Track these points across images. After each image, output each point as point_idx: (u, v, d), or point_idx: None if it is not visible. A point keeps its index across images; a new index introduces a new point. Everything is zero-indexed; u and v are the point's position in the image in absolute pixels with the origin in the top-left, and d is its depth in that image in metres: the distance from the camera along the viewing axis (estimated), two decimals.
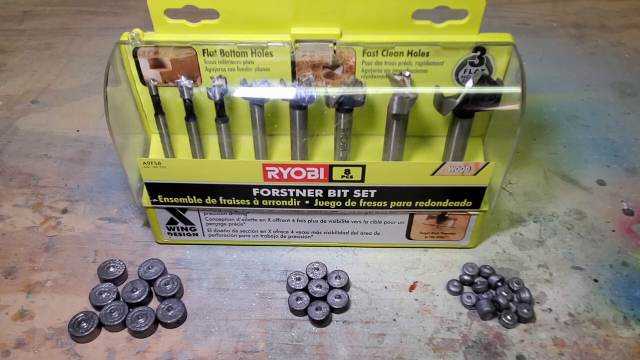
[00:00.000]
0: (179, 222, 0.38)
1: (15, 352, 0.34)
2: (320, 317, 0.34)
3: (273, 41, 0.33)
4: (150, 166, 0.34)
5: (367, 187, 0.35)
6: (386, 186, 0.35)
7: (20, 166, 0.47)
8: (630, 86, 0.55)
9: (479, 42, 0.32)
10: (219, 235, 0.39)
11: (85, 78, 0.57)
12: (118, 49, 0.33)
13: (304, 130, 0.35)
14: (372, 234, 0.38)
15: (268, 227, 0.38)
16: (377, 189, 0.35)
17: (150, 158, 0.36)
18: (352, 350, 0.34)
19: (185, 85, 0.33)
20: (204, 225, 0.38)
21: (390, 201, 0.35)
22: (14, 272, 0.38)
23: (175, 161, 0.34)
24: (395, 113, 0.32)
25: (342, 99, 0.32)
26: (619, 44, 0.62)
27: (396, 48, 0.33)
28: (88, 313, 0.35)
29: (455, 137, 0.34)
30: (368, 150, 0.38)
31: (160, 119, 0.35)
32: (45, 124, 0.51)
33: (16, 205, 0.43)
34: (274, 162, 0.33)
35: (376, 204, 0.36)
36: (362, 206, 0.36)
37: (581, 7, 0.68)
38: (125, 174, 0.34)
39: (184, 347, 0.34)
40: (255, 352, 0.34)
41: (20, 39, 0.63)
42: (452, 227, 0.37)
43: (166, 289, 0.36)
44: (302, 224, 0.38)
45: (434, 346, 0.34)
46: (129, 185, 0.36)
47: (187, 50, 0.33)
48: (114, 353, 0.34)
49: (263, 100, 0.33)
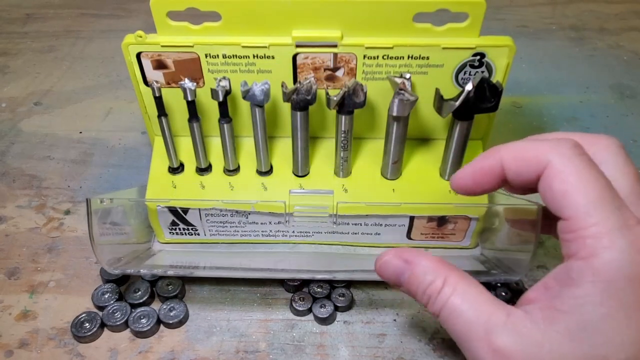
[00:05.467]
0: (180, 224, 0.38)
1: (19, 352, 0.34)
2: (325, 314, 0.35)
3: (275, 44, 0.33)
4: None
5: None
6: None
7: (23, 167, 0.47)
8: (629, 88, 0.55)
9: (478, 44, 0.33)
10: (220, 235, 0.39)
11: (87, 80, 0.57)
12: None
13: (305, 132, 0.35)
14: (373, 234, 0.38)
15: (269, 228, 0.38)
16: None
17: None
18: (352, 350, 0.34)
19: (188, 87, 0.33)
20: (205, 226, 0.38)
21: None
22: (17, 273, 0.39)
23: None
24: (395, 115, 0.33)
25: (342, 101, 0.33)
26: (618, 46, 0.62)
27: (397, 50, 0.33)
28: (91, 313, 0.35)
29: (455, 139, 0.34)
30: (368, 152, 0.38)
31: (163, 121, 0.35)
32: (48, 125, 0.52)
33: (19, 207, 0.44)
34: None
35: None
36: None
37: (580, 10, 0.69)
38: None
39: (185, 347, 0.34)
40: (257, 352, 0.34)
41: (23, 42, 0.63)
42: (452, 229, 0.38)
43: (168, 290, 0.36)
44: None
45: (434, 346, 0.34)
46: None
47: (190, 52, 0.34)
48: (117, 353, 0.34)
49: (263, 101, 0.33)
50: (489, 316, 0.23)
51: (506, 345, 0.22)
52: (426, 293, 0.25)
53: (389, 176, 0.37)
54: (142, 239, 0.39)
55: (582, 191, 0.21)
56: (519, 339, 0.22)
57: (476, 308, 0.24)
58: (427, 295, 0.25)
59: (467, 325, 0.23)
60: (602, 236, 0.21)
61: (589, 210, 0.21)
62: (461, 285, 0.24)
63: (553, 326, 0.21)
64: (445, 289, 0.25)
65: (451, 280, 0.25)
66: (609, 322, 0.20)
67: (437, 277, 0.25)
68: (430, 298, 0.25)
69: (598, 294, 0.20)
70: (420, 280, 0.26)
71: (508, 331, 0.22)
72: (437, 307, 0.25)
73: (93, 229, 0.34)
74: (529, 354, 0.22)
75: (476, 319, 0.23)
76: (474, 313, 0.23)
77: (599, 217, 0.21)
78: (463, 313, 0.24)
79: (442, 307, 0.24)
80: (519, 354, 0.22)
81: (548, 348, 0.21)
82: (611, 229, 0.20)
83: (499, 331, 0.22)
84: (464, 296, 0.24)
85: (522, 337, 0.22)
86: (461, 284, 0.24)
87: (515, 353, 0.22)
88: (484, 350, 0.23)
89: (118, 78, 0.57)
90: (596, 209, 0.21)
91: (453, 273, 0.25)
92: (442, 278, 0.25)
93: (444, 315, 0.24)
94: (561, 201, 0.22)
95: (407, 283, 0.26)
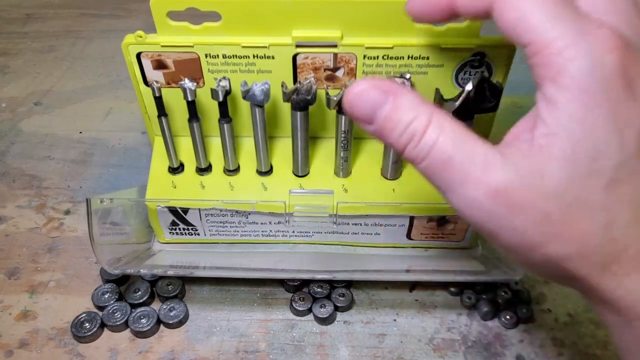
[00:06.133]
0: (180, 224, 0.38)
1: (19, 352, 0.34)
2: (325, 314, 0.35)
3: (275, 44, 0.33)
4: None
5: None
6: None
7: (23, 167, 0.47)
8: None
9: (478, 44, 0.33)
10: (220, 235, 0.39)
11: (87, 80, 0.57)
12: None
13: (305, 132, 0.35)
14: (373, 234, 0.38)
15: (269, 228, 0.38)
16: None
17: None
18: (352, 350, 0.34)
19: (188, 87, 0.33)
20: (205, 226, 0.38)
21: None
22: (17, 273, 0.39)
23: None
24: None
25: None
26: None
27: (397, 50, 0.33)
28: (91, 313, 0.35)
29: None
30: (368, 152, 0.38)
31: (163, 121, 0.35)
32: (48, 125, 0.52)
33: (19, 207, 0.44)
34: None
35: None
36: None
37: None
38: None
39: (185, 347, 0.34)
40: (257, 352, 0.34)
41: (23, 42, 0.63)
42: (452, 229, 0.38)
43: (168, 290, 0.36)
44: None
45: (434, 346, 0.34)
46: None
47: (190, 52, 0.34)
48: (117, 353, 0.34)
49: (263, 101, 0.33)
50: (484, 156, 0.21)
51: (507, 182, 0.21)
52: (407, 132, 0.22)
53: (389, 176, 0.37)
54: (142, 239, 0.39)
55: (534, 12, 0.20)
56: (518, 174, 0.21)
57: (468, 149, 0.21)
58: (408, 134, 0.22)
59: (461, 169, 0.21)
60: (565, 49, 0.20)
61: (546, 28, 0.20)
62: (448, 124, 0.22)
63: (548, 154, 0.20)
64: (431, 128, 0.21)
65: (437, 118, 0.22)
66: (597, 133, 0.20)
67: (421, 113, 0.22)
68: (412, 139, 0.22)
69: (578, 109, 0.20)
70: (401, 116, 0.22)
71: (507, 168, 0.21)
72: (422, 150, 0.22)
73: (93, 229, 0.34)
74: (531, 187, 0.20)
75: (471, 161, 0.21)
76: (468, 155, 0.21)
77: (556, 32, 0.20)
78: (455, 156, 0.21)
79: (429, 150, 0.21)
80: (521, 189, 0.20)
81: (549, 176, 0.20)
82: (572, 39, 0.20)
83: (497, 169, 0.21)
84: (454, 136, 0.21)
85: (521, 172, 0.21)
86: (448, 123, 0.22)
87: (517, 189, 0.20)
88: (482, 192, 0.21)
89: (118, 78, 0.57)
90: (553, 25, 0.20)
91: (438, 110, 0.22)
92: (427, 115, 0.22)
93: (432, 160, 0.21)
94: (517, 29, 0.21)
95: (384, 119, 0.22)
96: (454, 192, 0.22)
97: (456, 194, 0.21)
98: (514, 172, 0.21)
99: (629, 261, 0.20)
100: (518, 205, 0.20)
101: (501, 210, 0.21)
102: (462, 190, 0.21)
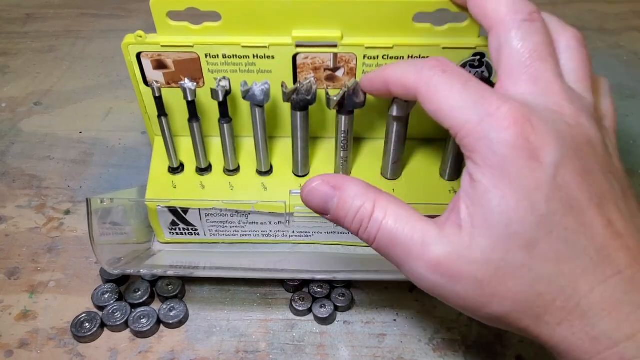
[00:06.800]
0: (180, 224, 0.38)
1: (19, 352, 0.34)
2: (325, 314, 0.35)
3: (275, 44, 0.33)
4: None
5: None
6: None
7: (23, 167, 0.47)
8: (629, 88, 0.55)
9: (478, 44, 0.33)
10: (220, 235, 0.39)
11: (87, 80, 0.57)
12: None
13: (305, 132, 0.35)
14: None
15: (269, 228, 0.38)
16: None
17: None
18: (352, 350, 0.34)
19: (188, 87, 0.33)
20: (205, 226, 0.38)
21: None
22: (17, 273, 0.39)
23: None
24: (395, 115, 0.33)
25: (342, 101, 0.33)
26: (617, 46, 0.62)
27: (397, 50, 0.33)
28: (91, 313, 0.35)
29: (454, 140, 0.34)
30: (368, 152, 0.38)
31: (163, 121, 0.35)
32: (48, 125, 0.52)
33: (19, 207, 0.44)
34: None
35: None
36: None
37: (580, 9, 0.69)
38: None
39: (185, 347, 0.34)
40: (257, 352, 0.34)
41: (23, 42, 0.63)
42: None
43: (168, 290, 0.36)
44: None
45: (434, 346, 0.34)
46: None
47: (190, 52, 0.34)
48: (117, 353, 0.34)
49: (263, 101, 0.33)
50: (423, 233, 0.23)
51: (442, 256, 0.23)
52: (357, 218, 0.25)
53: (389, 176, 0.37)
54: (142, 239, 0.39)
55: (448, 101, 0.23)
56: (452, 247, 0.23)
57: (410, 228, 0.24)
58: (358, 220, 0.25)
59: (404, 246, 0.24)
60: (473, 132, 0.22)
61: (456, 115, 0.23)
62: (392, 208, 0.24)
63: (472, 225, 0.23)
64: (377, 212, 0.24)
65: (381, 203, 0.24)
66: (506, 202, 0.22)
67: (366, 200, 0.25)
68: (362, 223, 0.25)
69: (489, 183, 0.22)
70: (349, 206, 0.25)
71: (442, 242, 0.23)
72: (371, 232, 0.24)
73: (93, 229, 0.34)
74: (462, 258, 0.22)
75: (412, 238, 0.23)
76: (409, 233, 0.23)
77: (465, 117, 0.23)
78: (398, 235, 0.24)
79: (377, 232, 0.24)
80: (455, 260, 0.23)
81: (475, 245, 0.22)
82: (476, 122, 0.22)
83: (434, 244, 0.23)
84: (397, 218, 0.24)
85: (454, 244, 0.23)
86: (392, 206, 0.24)
87: (453, 261, 0.23)
88: (423, 267, 0.23)
89: (118, 78, 0.57)
90: (461, 112, 0.23)
91: (382, 196, 0.25)
92: (371, 202, 0.25)
93: (380, 240, 0.24)
94: (438, 117, 0.24)
95: (336, 209, 0.25)
96: (403, 267, 0.24)
97: (405, 268, 0.24)
98: (449, 245, 0.23)
99: (558, 312, 0.22)
100: (455, 275, 0.23)
101: (442, 281, 0.23)
102: (408, 266, 0.24)
